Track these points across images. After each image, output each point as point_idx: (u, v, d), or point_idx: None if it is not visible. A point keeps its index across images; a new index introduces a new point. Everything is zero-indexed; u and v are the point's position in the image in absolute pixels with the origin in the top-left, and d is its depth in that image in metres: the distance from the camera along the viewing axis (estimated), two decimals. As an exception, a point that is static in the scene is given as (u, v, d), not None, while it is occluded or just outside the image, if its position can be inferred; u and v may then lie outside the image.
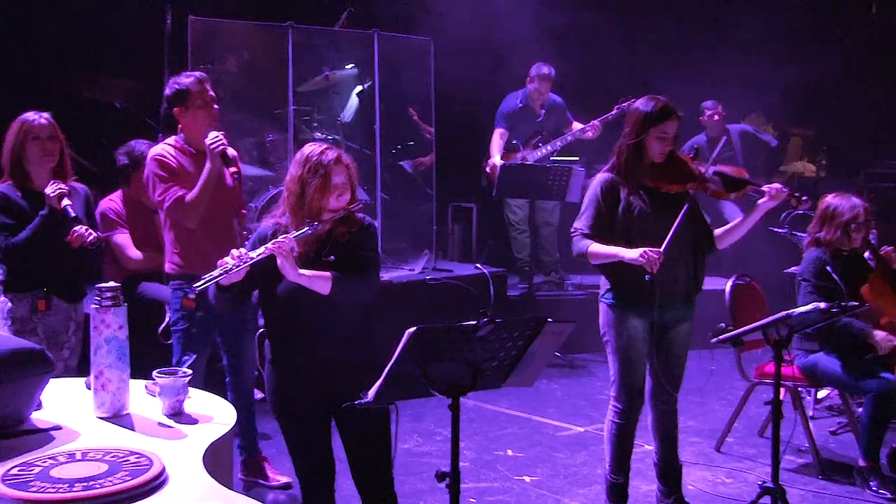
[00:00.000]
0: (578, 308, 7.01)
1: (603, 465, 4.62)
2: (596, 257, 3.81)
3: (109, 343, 2.57)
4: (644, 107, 3.84)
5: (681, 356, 3.98)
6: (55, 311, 4.03)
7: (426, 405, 5.38)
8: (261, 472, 4.44)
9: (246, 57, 7.32)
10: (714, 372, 6.41)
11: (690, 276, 3.92)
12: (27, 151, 3.96)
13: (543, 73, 7.34)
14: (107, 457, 2.11)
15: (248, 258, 2.98)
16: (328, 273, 3.05)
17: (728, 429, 5.08)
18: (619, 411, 3.95)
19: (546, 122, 7.45)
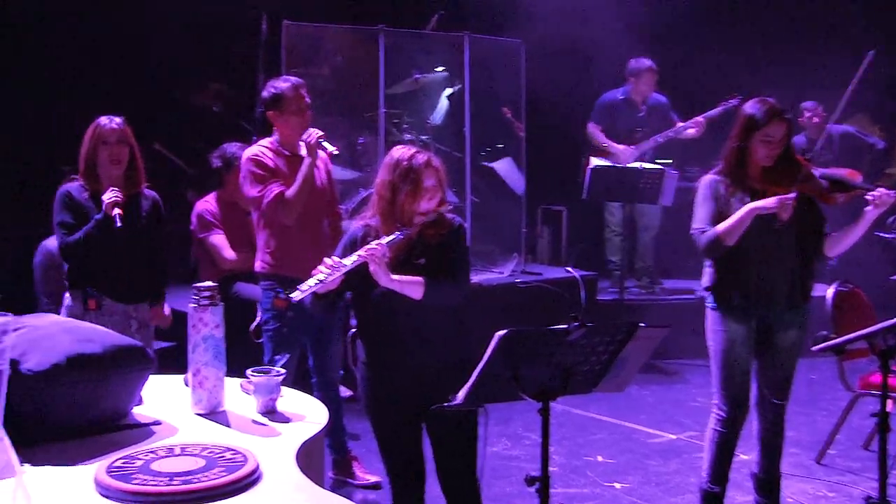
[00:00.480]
0: (671, 313, 6.89)
1: (696, 473, 4.53)
2: (730, 233, 3.66)
3: (206, 341, 2.62)
4: (749, 109, 3.74)
5: (786, 363, 3.84)
6: (109, 312, 4.06)
7: (514, 409, 5.31)
8: (350, 472, 4.48)
9: (338, 60, 7.42)
10: (815, 381, 6.22)
11: (794, 281, 3.77)
12: (98, 155, 4.04)
13: (645, 66, 7.26)
14: (204, 452, 2.15)
15: (342, 266, 3.01)
16: (420, 278, 3.05)
17: (830, 440, 4.90)
18: (721, 419, 3.85)
19: (648, 118, 7.34)
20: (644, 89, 7.32)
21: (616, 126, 7.38)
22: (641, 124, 7.32)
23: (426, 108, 7.62)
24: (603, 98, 7.49)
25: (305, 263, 4.18)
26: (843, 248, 3.81)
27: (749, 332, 3.77)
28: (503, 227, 7.47)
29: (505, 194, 7.60)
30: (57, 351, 2.28)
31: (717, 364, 3.84)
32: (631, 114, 7.38)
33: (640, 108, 7.37)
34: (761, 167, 3.73)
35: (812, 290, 3.87)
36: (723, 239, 3.67)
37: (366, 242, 3.10)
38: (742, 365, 3.79)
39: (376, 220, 3.17)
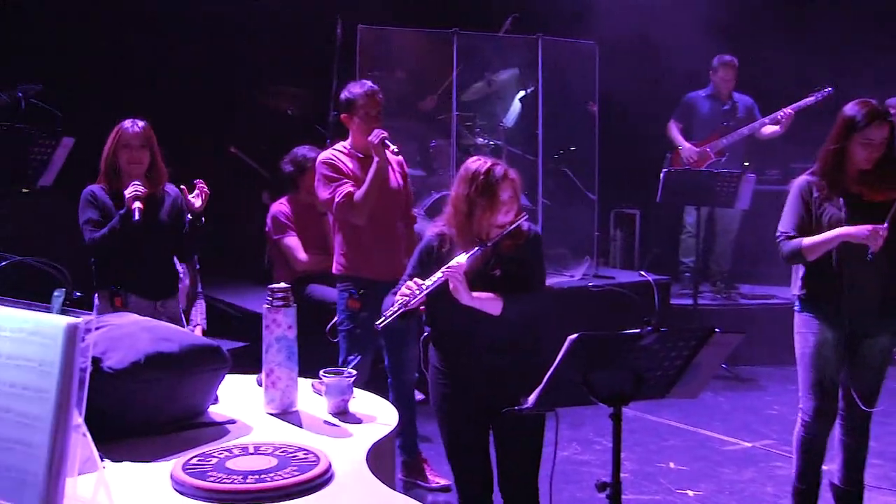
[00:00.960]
0: (746, 318, 6.75)
1: (773, 482, 4.47)
2: (813, 250, 3.62)
3: (279, 342, 2.67)
4: (849, 111, 3.65)
5: (876, 371, 3.74)
6: (136, 308, 4.01)
7: (585, 413, 5.30)
8: (420, 474, 4.50)
9: (411, 64, 7.47)
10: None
11: (888, 288, 3.66)
12: (119, 157, 4.10)
13: (726, 60, 7.26)
14: (277, 451, 2.19)
15: (424, 289, 3.03)
16: (499, 296, 3.06)
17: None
18: (806, 422, 3.78)
19: (732, 113, 7.26)
20: (723, 84, 7.29)
21: (697, 122, 7.34)
22: (726, 119, 7.23)
23: (499, 110, 7.61)
24: (686, 96, 7.50)
25: (380, 265, 4.27)
26: None
27: (839, 337, 3.69)
28: (575, 230, 7.43)
29: (577, 197, 7.55)
30: (136, 349, 2.35)
31: (803, 368, 3.77)
32: (715, 109, 7.32)
33: (726, 103, 7.31)
34: (859, 170, 3.63)
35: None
36: (805, 253, 3.63)
37: (441, 251, 3.12)
38: (830, 370, 3.71)
39: (451, 229, 3.17)
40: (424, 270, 3.13)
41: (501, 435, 3.22)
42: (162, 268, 4.27)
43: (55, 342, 1.70)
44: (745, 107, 7.30)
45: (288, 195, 5.43)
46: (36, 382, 1.70)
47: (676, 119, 7.43)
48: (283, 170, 5.42)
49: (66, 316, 1.73)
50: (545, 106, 7.13)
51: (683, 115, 7.43)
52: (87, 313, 1.74)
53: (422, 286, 3.03)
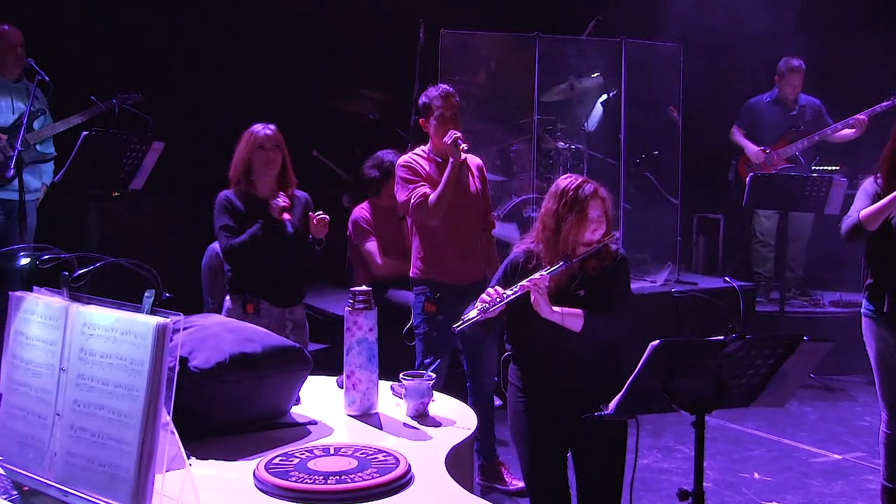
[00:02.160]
0: (835, 327, 6.54)
1: (864, 496, 4.35)
2: (872, 217, 3.63)
3: (360, 344, 2.70)
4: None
5: None
6: (266, 314, 4.18)
7: (666, 420, 5.22)
8: (498, 477, 4.50)
9: (493, 67, 7.48)
10: None
11: None
12: (253, 161, 4.18)
13: (793, 65, 7.06)
14: (357, 453, 2.22)
15: (504, 297, 3.03)
16: (580, 311, 3.03)
17: None
18: (888, 421, 3.79)
19: (799, 118, 7.07)
20: (789, 90, 7.10)
21: (761, 128, 7.18)
22: (793, 124, 7.06)
23: (580, 114, 7.56)
24: (749, 101, 7.32)
25: (456, 271, 4.28)
26: None
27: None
28: (657, 234, 7.32)
29: (659, 201, 7.44)
30: (221, 350, 2.40)
31: (875, 369, 3.81)
32: (782, 115, 7.15)
33: (793, 108, 7.12)
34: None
35: None
36: (865, 223, 3.64)
37: (527, 268, 3.11)
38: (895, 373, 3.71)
39: (539, 246, 3.16)
40: (508, 286, 3.13)
41: (580, 450, 3.18)
42: (292, 274, 4.34)
43: (145, 341, 1.75)
44: (812, 110, 7.09)
45: (369, 199, 5.48)
46: (127, 380, 1.76)
47: (739, 125, 7.27)
48: (367, 174, 5.46)
49: (156, 316, 1.78)
50: (627, 110, 7.05)
51: (746, 122, 7.25)
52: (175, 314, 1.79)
53: (503, 294, 3.03)
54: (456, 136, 4.18)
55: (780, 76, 7.15)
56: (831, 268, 7.48)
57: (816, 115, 7.08)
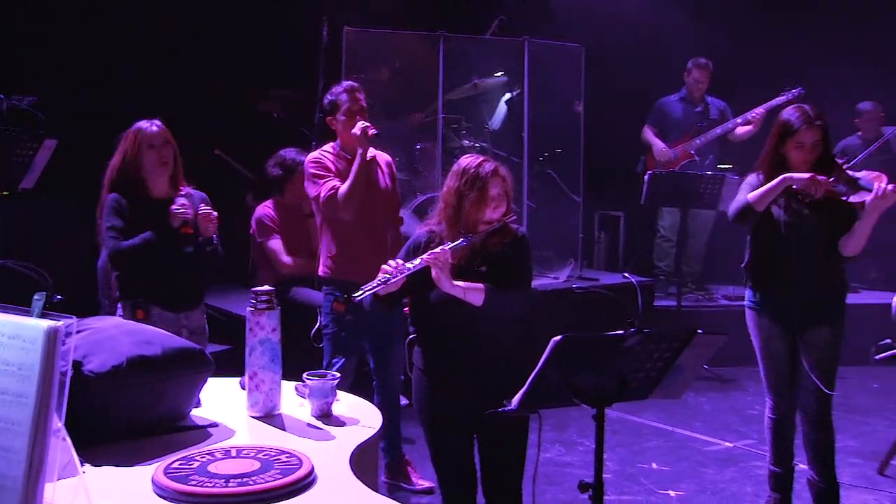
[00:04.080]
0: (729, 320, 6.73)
1: (753, 482, 4.52)
2: (760, 199, 3.81)
3: (263, 345, 2.67)
4: (784, 115, 3.86)
5: (825, 359, 3.86)
6: (159, 320, 3.92)
7: (570, 415, 5.32)
8: (405, 475, 4.51)
9: (398, 66, 7.47)
10: (877, 390, 6.08)
11: (827, 278, 3.86)
12: (144, 160, 3.98)
13: (700, 62, 7.36)
14: (259, 455, 2.19)
15: (406, 269, 3.03)
16: (481, 285, 3.06)
17: (893, 450, 4.78)
18: (771, 407, 3.99)
19: (704, 115, 7.34)
20: (696, 86, 7.38)
21: (670, 125, 7.43)
22: (699, 120, 7.31)
23: (485, 113, 7.63)
24: (659, 100, 7.58)
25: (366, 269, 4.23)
26: (858, 245, 3.79)
27: (784, 328, 3.88)
28: (560, 232, 7.45)
29: (562, 199, 7.57)
30: (118, 353, 2.34)
31: (759, 358, 3.99)
32: (687, 110, 7.41)
33: (698, 105, 7.39)
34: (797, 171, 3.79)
35: (846, 287, 3.97)
36: (754, 204, 3.81)
37: (429, 248, 3.12)
38: (781, 358, 3.91)
39: (441, 226, 3.19)
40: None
41: (485, 438, 3.23)
42: (186, 278, 4.11)
43: (35, 346, 1.69)
44: (717, 109, 7.40)
45: (273, 198, 5.42)
46: (15, 387, 1.70)
47: (650, 124, 7.52)
48: (270, 173, 5.40)
49: (47, 320, 1.72)
50: (531, 108, 7.15)
51: (657, 120, 7.51)
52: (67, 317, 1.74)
53: (403, 267, 3.03)
54: (364, 126, 4.17)
55: (687, 73, 7.41)
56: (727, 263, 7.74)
57: (721, 115, 7.36)
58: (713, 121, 7.32)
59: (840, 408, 3.93)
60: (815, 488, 3.95)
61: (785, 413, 3.96)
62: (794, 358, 3.89)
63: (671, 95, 7.53)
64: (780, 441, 3.99)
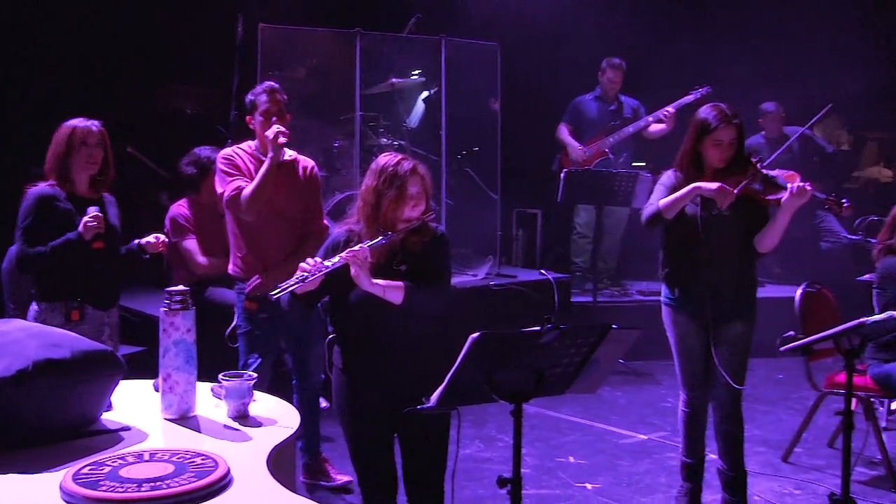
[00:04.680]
0: (643, 315, 6.91)
1: (667, 473, 4.64)
2: (670, 207, 3.88)
3: (178, 346, 2.63)
4: (702, 114, 3.92)
5: (738, 354, 3.97)
6: (88, 319, 4.03)
7: (488, 411, 5.36)
8: (323, 474, 4.49)
9: (314, 63, 7.42)
10: (782, 381, 6.30)
11: (740, 274, 3.96)
12: (74, 157, 3.99)
13: (614, 62, 7.52)
14: (173, 458, 2.16)
15: (324, 267, 3.01)
16: (400, 283, 3.06)
17: (796, 439, 4.97)
18: (685, 401, 4.09)
19: (618, 113, 7.50)
20: (610, 85, 7.53)
21: (585, 124, 7.56)
22: (612, 118, 7.46)
23: (402, 111, 7.63)
24: (575, 99, 7.70)
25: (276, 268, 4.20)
26: (772, 241, 3.92)
27: (700, 324, 3.96)
28: (478, 229, 7.50)
29: (480, 197, 7.63)
30: (24, 356, 2.28)
31: (675, 355, 4.08)
32: (601, 109, 7.56)
33: (612, 104, 7.54)
34: (713, 169, 3.91)
35: (757, 282, 4.08)
36: (664, 211, 3.89)
37: (348, 246, 3.10)
38: (695, 354, 4.00)
39: (360, 225, 3.18)
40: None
41: (405, 436, 3.23)
42: (113, 275, 4.16)
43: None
44: (630, 107, 7.56)
45: (188, 197, 5.32)
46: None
47: (566, 122, 7.63)
48: (184, 171, 5.31)
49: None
50: (448, 107, 7.18)
51: (572, 118, 7.63)
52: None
53: (321, 265, 3.01)
54: (277, 131, 4.12)
55: (601, 73, 7.56)
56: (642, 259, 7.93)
57: (634, 113, 7.52)
58: (626, 119, 7.47)
59: (747, 398, 4.06)
60: (724, 477, 4.08)
61: (698, 407, 4.06)
62: (709, 354, 3.97)
63: (586, 95, 7.66)
64: (693, 433, 4.10)
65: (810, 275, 5.28)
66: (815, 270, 6.34)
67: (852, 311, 4.28)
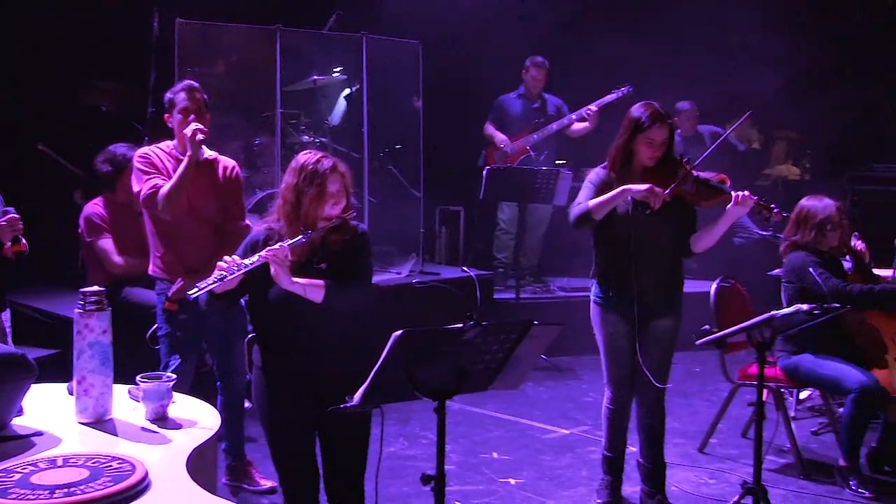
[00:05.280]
0: (564, 311, 7.03)
1: (588, 466, 4.72)
2: (599, 208, 3.86)
3: (93, 348, 2.57)
4: (634, 112, 3.94)
5: (663, 352, 4.06)
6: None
7: (412, 408, 5.37)
8: (247, 477, 4.43)
9: (234, 60, 7.31)
10: (699, 373, 6.48)
11: (669, 274, 4.03)
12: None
13: (537, 61, 7.62)
14: (88, 462, 2.11)
15: (242, 266, 2.98)
16: (321, 281, 3.05)
17: (712, 430, 5.11)
18: (611, 398, 4.13)
19: (542, 111, 7.59)
20: (533, 84, 7.63)
21: (509, 121, 7.65)
22: (536, 116, 7.57)
23: (324, 108, 7.58)
24: (499, 97, 7.77)
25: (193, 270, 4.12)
26: (708, 243, 4.02)
27: (628, 323, 4.00)
28: (401, 227, 7.50)
29: (403, 195, 7.64)
30: (-70, 362, 2.20)
31: (601, 354, 4.12)
32: (525, 106, 7.66)
33: (535, 101, 7.65)
34: (643, 167, 3.95)
35: (683, 282, 4.14)
36: (593, 212, 3.87)
37: (268, 245, 3.08)
38: (623, 353, 4.04)
39: (280, 223, 3.15)
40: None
41: (327, 435, 3.22)
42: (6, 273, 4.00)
43: None
44: (554, 105, 7.68)
45: (103, 195, 5.20)
46: None
47: (491, 120, 7.72)
48: (99, 169, 5.18)
49: None
50: (370, 104, 7.16)
51: (497, 116, 7.72)
52: None
53: (240, 263, 2.98)
54: (195, 129, 4.05)
55: (525, 71, 7.65)
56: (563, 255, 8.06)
57: (558, 111, 7.63)
58: (550, 117, 7.57)
59: (667, 391, 4.15)
60: (644, 469, 4.17)
61: (623, 404, 4.11)
62: (635, 352, 4.02)
63: (510, 93, 7.74)
64: (616, 429, 4.16)
65: (724, 270, 5.42)
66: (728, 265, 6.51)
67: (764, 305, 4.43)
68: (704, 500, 4.38)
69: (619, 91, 7.17)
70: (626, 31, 8.34)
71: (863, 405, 4.42)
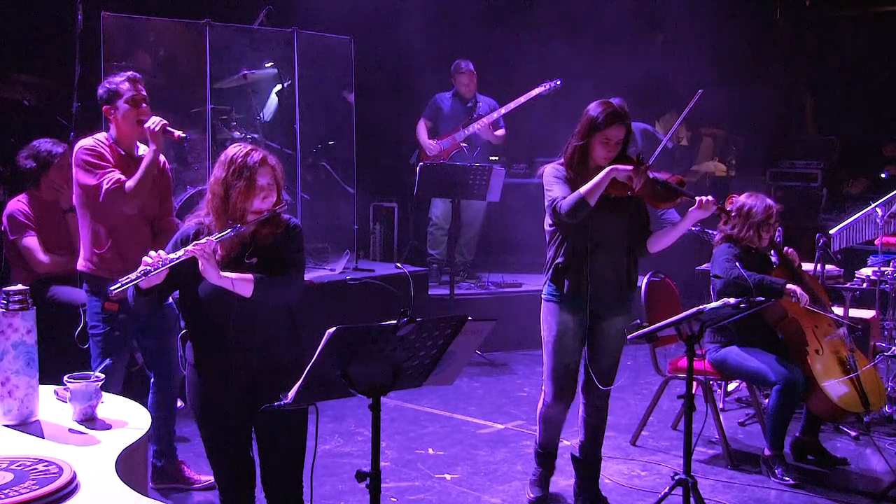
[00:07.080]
0: (498, 307, 7.09)
1: (523, 461, 4.76)
2: (592, 193, 3.77)
3: (17, 348, 2.51)
4: (591, 111, 3.91)
5: (612, 352, 4.07)
6: None
7: (347, 405, 5.36)
8: (179, 476, 4.36)
9: (162, 54, 7.18)
10: (630, 367, 6.58)
11: (622, 274, 4.00)
12: None
13: (461, 68, 7.68)
14: (12, 466, 2.05)
15: (168, 260, 2.93)
16: (250, 275, 3.02)
17: (643, 423, 5.20)
18: (548, 403, 4.10)
19: (474, 111, 7.66)
20: (464, 88, 7.68)
21: (443, 119, 7.71)
22: (468, 115, 7.65)
23: (255, 104, 7.51)
24: (435, 96, 7.82)
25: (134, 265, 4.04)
26: (666, 244, 4.05)
27: (580, 323, 3.98)
28: (335, 223, 7.47)
29: (336, 191, 7.60)
30: None
31: (547, 354, 4.05)
32: (458, 106, 7.71)
33: (468, 101, 7.71)
34: (599, 166, 3.88)
35: (637, 282, 4.13)
36: (587, 198, 3.78)
37: (197, 240, 3.04)
38: (571, 354, 4.01)
39: (209, 217, 3.11)
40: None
41: (263, 432, 3.19)
42: None
43: None
44: (487, 105, 7.73)
45: (27, 192, 5.07)
46: None
47: (426, 118, 7.76)
48: (23, 165, 5.05)
49: None
50: (302, 100, 7.11)
51: (432, 114, 7.78)
52: None
53: (165, 258, 2.94)
54: (163, 123, 3.99)
55: (453, 77, 7.70)
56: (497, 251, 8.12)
57: (490, 110, 7.67)
58: (482, 116, 7.62)
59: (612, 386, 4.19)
60: (579, 464, 4.21)
61: (563, 402, 4.08)
62: (580, 354, 4.03)
63: (445, 92, 7.79)
64: (552, 427, 4.17)
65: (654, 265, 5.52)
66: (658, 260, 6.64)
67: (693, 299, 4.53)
68: (637, 492, 4.45)
69: (548, 84, 7.26)
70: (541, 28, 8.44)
71: (786, 397, 4.55)
